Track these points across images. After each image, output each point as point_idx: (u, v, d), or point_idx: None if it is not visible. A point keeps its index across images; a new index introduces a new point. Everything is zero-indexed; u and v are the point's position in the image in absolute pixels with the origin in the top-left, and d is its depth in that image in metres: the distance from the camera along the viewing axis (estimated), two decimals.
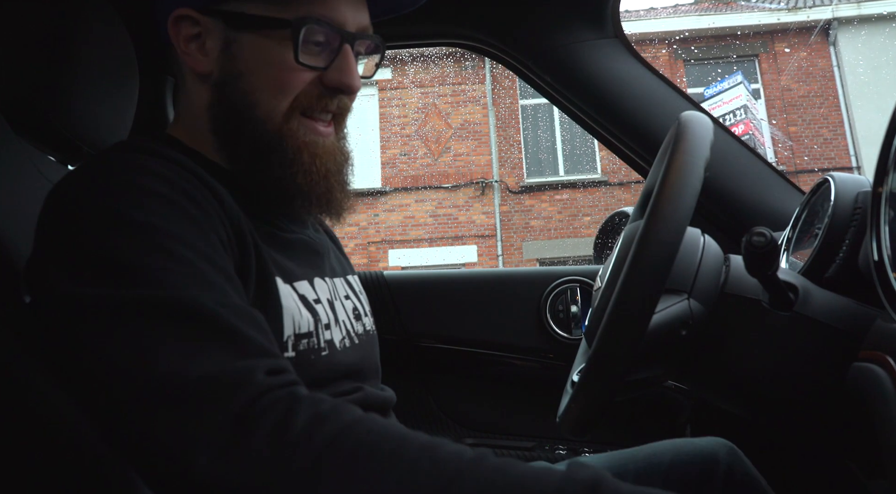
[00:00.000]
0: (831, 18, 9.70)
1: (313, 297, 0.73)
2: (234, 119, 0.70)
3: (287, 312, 0.68)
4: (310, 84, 0.71)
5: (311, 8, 0.69)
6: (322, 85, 0.71)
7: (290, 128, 0.71)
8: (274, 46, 0.69)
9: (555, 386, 0.99)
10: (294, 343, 0.68)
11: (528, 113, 10.23)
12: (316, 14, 0.69)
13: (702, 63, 10.14)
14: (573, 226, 9.82)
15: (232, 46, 0.70)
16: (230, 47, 0.70)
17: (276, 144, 0.70)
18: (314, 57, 0.70)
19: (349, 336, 0.77)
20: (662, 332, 0.73)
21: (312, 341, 0.70)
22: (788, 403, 0.76)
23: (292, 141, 0.71)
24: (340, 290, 0.81)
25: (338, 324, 0.75)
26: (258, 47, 0.69)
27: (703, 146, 0.68)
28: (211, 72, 0.71)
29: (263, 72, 0.69)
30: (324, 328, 0.72)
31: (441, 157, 10.10)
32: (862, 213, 0.80)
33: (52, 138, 0.82)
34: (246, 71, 0.69)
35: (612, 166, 9.66)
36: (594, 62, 1.28)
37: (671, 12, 10.51)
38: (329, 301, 0.76)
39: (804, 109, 9.83)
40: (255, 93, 0.69)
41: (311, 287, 0.74)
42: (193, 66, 0.71)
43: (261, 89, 0.69)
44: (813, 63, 9.90)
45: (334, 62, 0.71)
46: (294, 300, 0.69)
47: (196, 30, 0.71)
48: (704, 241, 0.80)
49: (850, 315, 0.73)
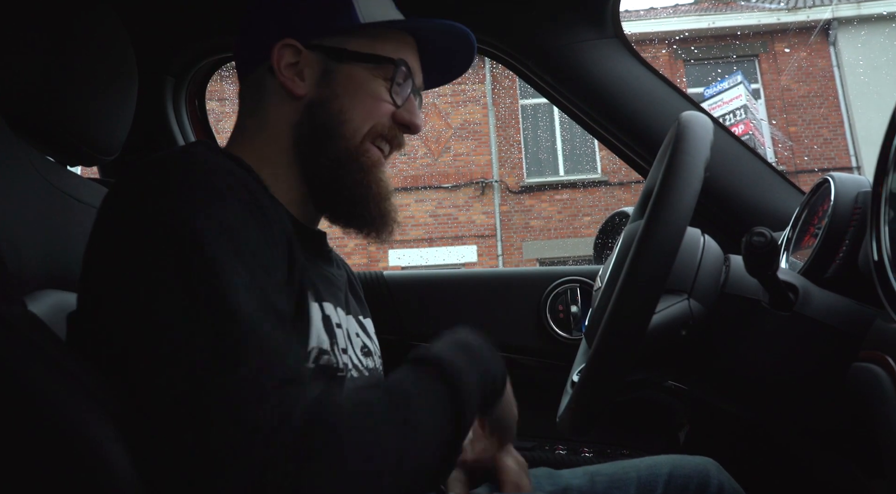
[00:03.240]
0: (831, 18, 9.70)
1: (335, 321, 0.78)
2: (321, 133, 0.80)
3: (314, 326, 0.73)
4: (386, 116, 0.83)
5: (403, 55, 0.83)
6: (393, 120, 0.83)
7: (365, 148, 0.82)
8: (369, 78, 0.81)
9: (555, 386, 0.99)
10: (316, 356, 0.72)
11: (528, 113, 10.23)
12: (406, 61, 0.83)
13: (702, 63, 10.14)
14: (573, 226, 9.82)
15: (331, 74, 0.81)
16: (329, 75, 0.81)
17: (355, 157, 0.81)
18: (397, 95, 0.83)
19: (358, 368, 0.80)
20: (662, 332, 0.73)
21: (332, 359, 0.74)
22: (788, 403, 0.76)
23: (367, 158, 0.82)
24: (353, 327, 0.85)
25: (347, 353, 0.79)
26: (355, 77, 0.81)
27: (703, 146, 0.68)
28: (304, 94, 0.81)
29: (355, 97, 0.81)
30: (340, 351, 0.77)
31: (441, 157, 10.10)
32: (862, 213, 0.80)
33: (52, 138, 0.82)
34: (340, 95, 0.81)
35: (612, 166, 9.66)
36: (594, 62, 1.28)
37: (671, 12, 10.51)
38: (346, 330, 0.81)
39: (804, 109, 9.83)
40: (345, 113, 0.80)
41: (334, 311, 0.79)
42: (291, 88, 0.81)
43: (350, 111, 0.80)
44: (813, 63, 9.91)
45: (406, 103, 0.84)
46: (319, 318, 0.74)
47: (296, 58, 0.81)
48: (704, 241, 0.80)
49: (849, 315, 0.73)
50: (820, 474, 0.97)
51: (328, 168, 0.80)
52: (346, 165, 0.80)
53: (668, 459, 0.93)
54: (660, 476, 0.89)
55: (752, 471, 1.16)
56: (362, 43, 0.81)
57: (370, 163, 0.82)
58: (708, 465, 0.90)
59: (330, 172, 0.80)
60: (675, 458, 0.93)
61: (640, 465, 0.93)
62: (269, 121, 0.82)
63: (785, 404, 0.77)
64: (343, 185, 0.81)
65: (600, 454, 1.41)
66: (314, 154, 0.80)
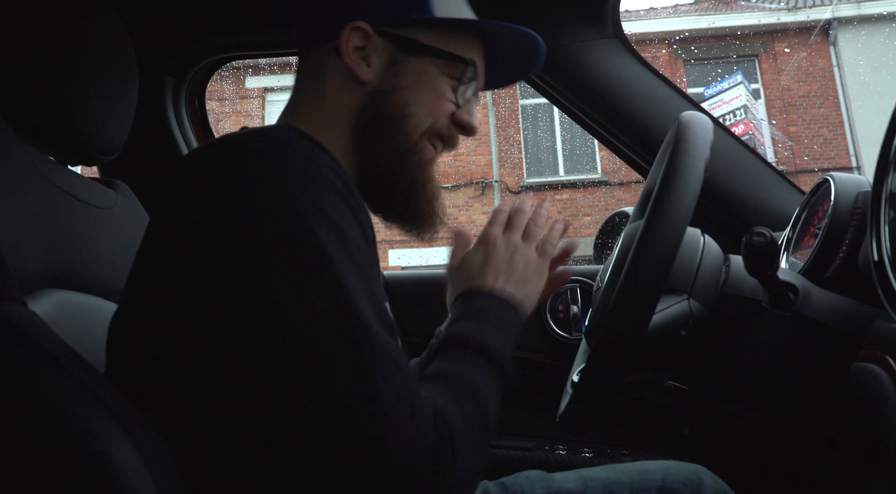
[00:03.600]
0: (831, 18, 9.70)
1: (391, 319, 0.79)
2: (382, 122, 0.78)
3: None
4: (446, 115, 0.81)
5: (472, 55, 0.81)
6: (451, 119, 0.81)
7: (423, 144, 0.80)
8: (436, 74, 0.79)
9: (555, 386, 0.99)
10: None
11: (528, 113, 10.22)
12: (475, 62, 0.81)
13: (702, 63, 10.13)
14: (573, 226, 9.79)
15: (398, 64, 0.79)
16: (397, 65, 0.79)
17: (412, 152, 0.79)
18: (460, 95, 0.81)
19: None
20: (662, 332, 0.73)
21: None
22: (788, 403, 0.76)
23: (423, 154, 0.80)
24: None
25: None
26: (424, 71, 0.79)
27: (703, 146, 0.68)
28: (370, 80, 0.78)
29: (421, 91, 0.79)
30: None
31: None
32: (862, 213, 0.80)
33: (53, 138, 0.82)
34: (406, 87, 0.78)
35: (612, 166, 9.66)
36: (594, 62, 1.28)
37: (671, 12, 10.51)
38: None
39: (804, 109, 9.83)
40: (409, 106, 0.78)
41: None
42: (356, 72, 0.78)
43: (414, 104, 0.78)
44: (813, 63, 9.90)
45: (467, 105, 0.82)
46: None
47: (364, 43, 0.79)
48: (704, 241, 0.80)
49: (849, 315, 0.73)
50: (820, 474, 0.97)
51: (385, 159, 0.78)
52: (403, 160, 0.79)
53: (661, 465, 0.92)
54: (653, 481, 0.88)
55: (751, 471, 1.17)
56: (434, 37, 0.79)
57: (425, 160, 0.80)
58: (701, 472, 0.89)
59: (386, 164, 0.78)
60: (669, 464, 0.92)
61: (632, 470, 0.92)
62: (329, 102, 0.80)
63: (785, 404, 0.77)
64: (397, 180, 0.79)
65: (600, 454, 1.41)
66: (372, 143, 0.78)
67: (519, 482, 0.94)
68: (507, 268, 0.77)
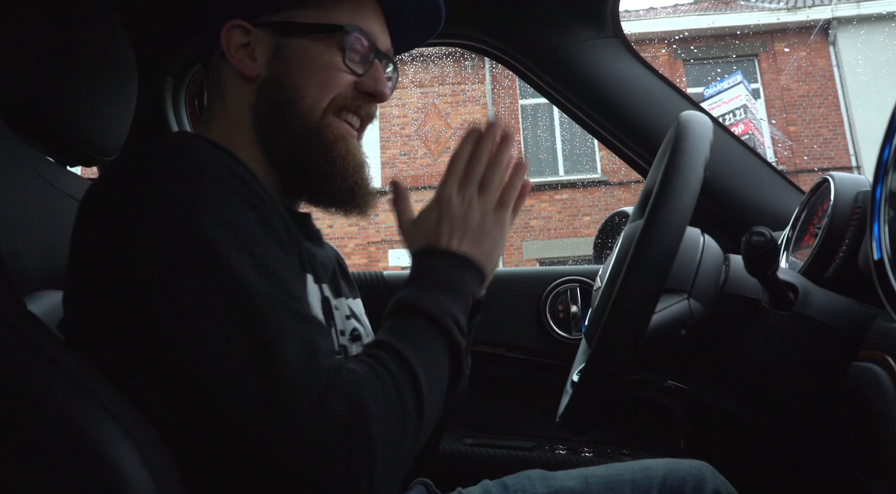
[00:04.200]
0: (831, 18, 9.70)
1: (333, 304, 0.78)
2: (279, 112, 0.77)
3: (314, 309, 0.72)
4: (346, 87, 0.78)
5: (355, 21, 0.78)
6: (356, 90, 0.79)
7: (327, 122, 0.78)
8: (322, 50, 0.77)
9: (555, 386, 0.99)
10: None
11: (528, 113, 10.23)
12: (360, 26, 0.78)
13: (701, 63, 10.14)
14: (573, 226, 9.82)
15: (282, 51, 0.77)
16: (280, 52, 0.77)
17: (316, 133, 0.77)
18: (354, 64, 0.78)
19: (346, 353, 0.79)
20: (662, 332, 0.73)
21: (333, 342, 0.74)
22: (788, 403, 0.76)
23: (330, 132, 0.78)
24: (344, 310, 0.84)
25: (344, 336, 0.79)
26: (307, 50, 0.77)
27: (703, 146, 0.68)
28: (258, 75, 0.78)
29: (309, 71, 0.77)
30: (339, 333, 0.77)
31: (441, 157, 10.09)
32: (861, 213, 0.80)
33: (52, 139, 0.81)
34: (293, 70, 0.77)
35: (612, 166, 9.66)
36: (594, 62, 1.28)
37: (671, 12, 10.51)
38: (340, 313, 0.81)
39: (804, 109, 9.83)
40: (300, 89, 0.77)
41: (331, 293, 0.79)
42: (243, 70, 0.78)
43: (305, 85, 0.77)
44: (812, 63, 9.91)
45: (369, 71, 0.79)
46: (318, 301, 0.74)
47: (246, 39, 0.78)
48: (704, 241, 0.80)
49: (849, 314, 0.73)
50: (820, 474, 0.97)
51: (290, 147, 0.77)
52: (308, 142, 0.77)
53: (662, 462, 0.92)
54: (654, 478, 0.88)
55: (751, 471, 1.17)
56: (312, 13, 0.78)
57: (333, 137, 0.78)
58: (703, 468, 0.89)
59: (293, 151, 0.77)
60: (670, 461, 0.92)
61: (634, 467, 0.92)
62: (229, 106, 0.79)
63: (785, 404, 0.77)
64: (307, 163, 0.77)
65: (600, 454, 1.41)
66: (275, 134, 0.77)
67: (520, 481, 0.94)
68: (462, 225, 0.73)
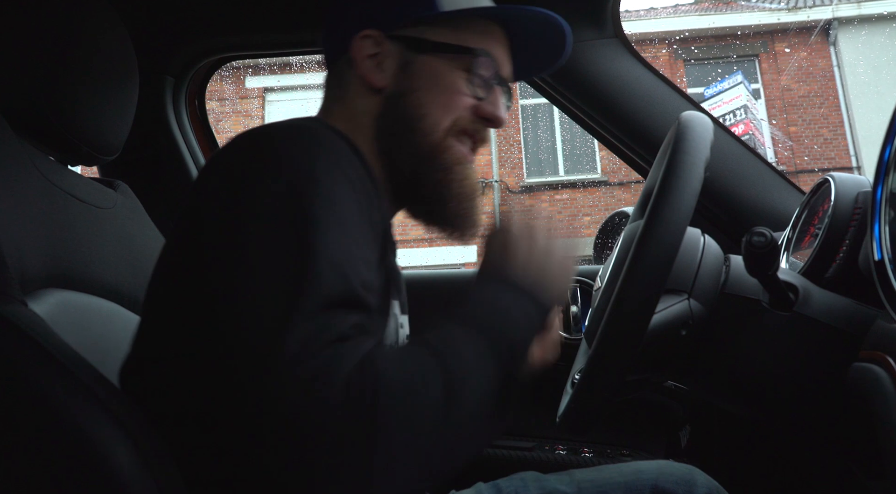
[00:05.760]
0: (831, 18, 9.70)
1: (399, 321, 0.78)
2: (401, 127, 0.78)
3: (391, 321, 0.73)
4: (466, 109, 0.79)
5: (484, 45, 0.79)
6: (474, 113, 0.80)
7: (448, 144, 0.78)
8: (448, 70, 0.78)
9: (555, 386, 0.99)
10: None
11: (528, 113, 10.22)
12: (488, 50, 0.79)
13: (702, 63, 10.13)
14: (573, 226, 9.81)
15: (410, 66, 0.78)
16: (408, 66, 0.78)
17: (436, 153, 0.78)
18: (477, 87, 0.79)
19: None
20: (662, 332, 0.73)
21: None
22: (788, 403, 0.76)
23: (449, 154, 0.78)
24: (406, 329, 0.84)
25: None
26: (434, 68, 0.78)
27: (703, 146, 0.68)
28: (385, 86, 0.79)
29: (434, 90, 0.78)
30: None
31: None
32: (862, 213, 0.80)
33: (53, 138, 0.82)
34: (419, 87, 0.78)
35: (612, 166, 9.65)
36: (594, 62, 1.28)
37: (671, 12, 10.50)
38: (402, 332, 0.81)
39: (804, 109, 9.83)
40: (424, 107, 0.77)
41: (398, 309, 0.79)
42: (370, 79, 0.79)
43: (429, 104, 0.78)
44: (813, 63, 9.90)
45: (490, 96, 0.80)
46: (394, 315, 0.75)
47: (376, 49, 0.79)
48: (704, 241, 0.80)
49: (850, 315, 0.73)
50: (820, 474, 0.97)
51: (409, 164, 0.78)
52: (427, 162, 0.78)
53: (654, 465, 0.92)
54: (646, 481, 0.88)
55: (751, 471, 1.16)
56: (443, 33, 0.79)
57: (452, 160, 0.78)
58: (694, 472, 0.89)
59: (411, 168, 0.78)
60: (661, 464, 0.92)
61: (625, 470, 0.92)
62: (352, 110, 0.80)
63: (785, 404, 0.77)
64: (423, 183, 0.78)
65: (600, 454, 1.41)
66: (395, 148, 0.78)
67: (513, 483, 0.94)
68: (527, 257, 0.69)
